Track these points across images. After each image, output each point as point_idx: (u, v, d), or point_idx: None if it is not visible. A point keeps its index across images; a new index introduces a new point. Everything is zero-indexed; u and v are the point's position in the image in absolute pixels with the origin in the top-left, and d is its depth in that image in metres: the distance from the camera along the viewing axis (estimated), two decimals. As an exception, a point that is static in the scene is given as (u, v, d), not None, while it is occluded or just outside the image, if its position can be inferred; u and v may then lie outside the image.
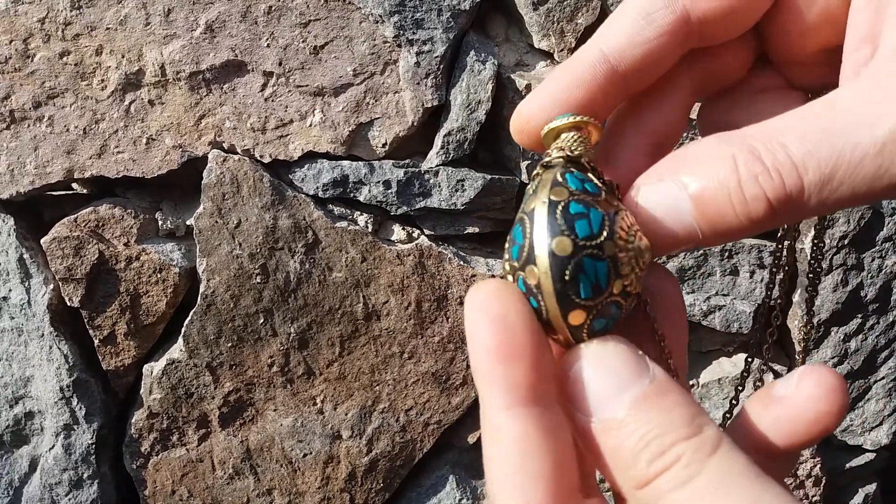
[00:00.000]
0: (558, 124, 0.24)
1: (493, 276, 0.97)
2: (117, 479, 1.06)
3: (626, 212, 0.22)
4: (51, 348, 0.98)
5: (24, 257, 0.96)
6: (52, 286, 0.97)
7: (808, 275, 0.31)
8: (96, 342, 0.98)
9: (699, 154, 0.22)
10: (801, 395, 0.22)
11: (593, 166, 0.24)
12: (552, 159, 0.24)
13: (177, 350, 0.98)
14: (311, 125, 0.92)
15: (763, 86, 0.29)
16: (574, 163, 0.23)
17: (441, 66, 0.90)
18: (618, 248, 0.21)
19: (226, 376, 0.99)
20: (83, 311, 0.97)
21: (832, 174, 0.20)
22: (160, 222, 0.98)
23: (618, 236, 0.21)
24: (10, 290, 0.97)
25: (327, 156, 0.94)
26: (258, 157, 0.93)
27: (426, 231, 0.97)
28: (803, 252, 0.99)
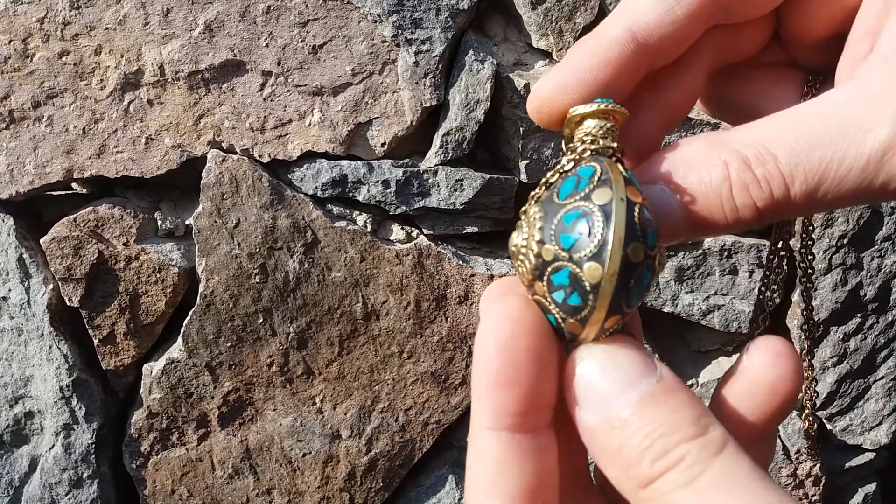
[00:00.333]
0: (588, 110, 0.23)
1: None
2: (117, 478, 1.06)
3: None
4: (50, 348, 0.98)
5: (23, 257, 0.96)
6: (51, 286, 0.97)
7: (801, 279, 0.31)
8: (96, 342, 0.98)
9: (691, 158, 0.23)
10: (754, 365, 0.22)
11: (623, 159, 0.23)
12: (602, 147, 0.23)
13: (176, 350, 0.98)
14: (309, 125, 0.92)
15: (765, 61, 0.29)
16: (614, 155, 0.23)
17: (439, 66, 0.90)
18: (659, 262, 0.21)
19: (225, 376, 0.99)
20: (83, 310, 0.97)
21: (818, 186, 0.21)
22: (159, 222, 0.98)
23: (660, 248, 0.21)
24: (9, 290, 0.97)
25: (326, 155, 0.94)
26: (257, 157, 0.93)
27: (425, 231, 0.97)
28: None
